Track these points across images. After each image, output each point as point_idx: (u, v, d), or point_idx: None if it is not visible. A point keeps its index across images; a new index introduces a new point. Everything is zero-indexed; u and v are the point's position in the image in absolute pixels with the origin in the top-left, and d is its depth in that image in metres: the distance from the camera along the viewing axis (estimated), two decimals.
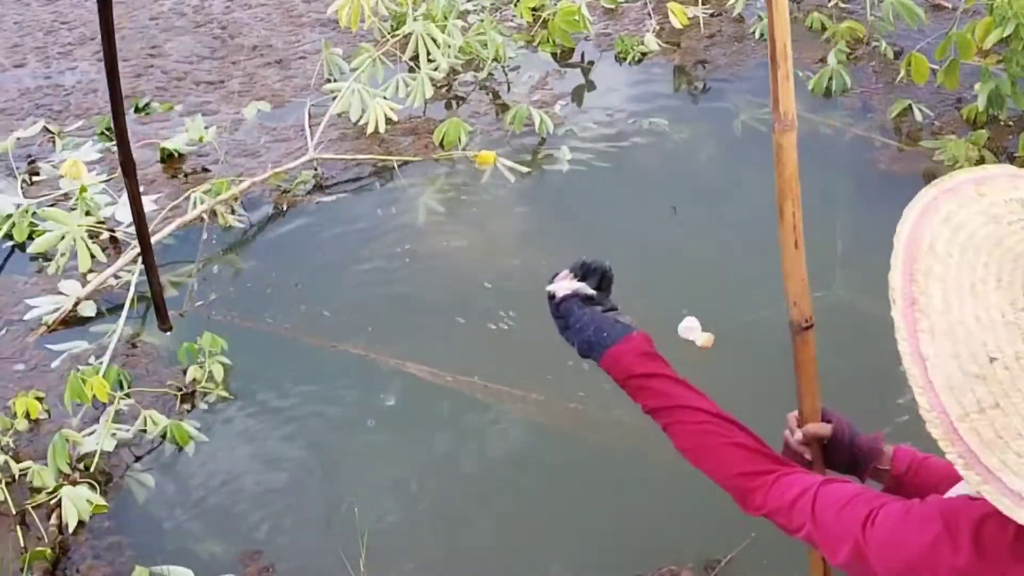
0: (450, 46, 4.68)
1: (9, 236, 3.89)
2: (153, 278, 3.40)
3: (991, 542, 1.17)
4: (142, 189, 3.87)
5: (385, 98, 4.44)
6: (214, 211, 3.98)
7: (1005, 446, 1.10)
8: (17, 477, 2.98)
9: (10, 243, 3.92)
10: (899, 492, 1.58)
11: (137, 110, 4.64)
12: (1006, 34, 3.94)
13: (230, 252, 3.91)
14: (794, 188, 1.52)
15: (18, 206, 3.94)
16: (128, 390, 3.26)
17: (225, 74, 4.95)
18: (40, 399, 3.17)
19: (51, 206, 4.00)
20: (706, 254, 3.79)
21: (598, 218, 4.00)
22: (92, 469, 3.02)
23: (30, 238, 3.83)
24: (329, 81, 4.75)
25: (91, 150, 4.34)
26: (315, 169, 4.28)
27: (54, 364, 3.41)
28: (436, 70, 4.63)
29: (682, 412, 1.51)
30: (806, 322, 1.57)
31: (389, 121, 4.40)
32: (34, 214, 3.90)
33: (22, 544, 2.84)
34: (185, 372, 3.32)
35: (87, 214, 3.87)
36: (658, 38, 5.01)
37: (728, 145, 4.37)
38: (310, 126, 4.48)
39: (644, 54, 4.95)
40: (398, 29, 4.78)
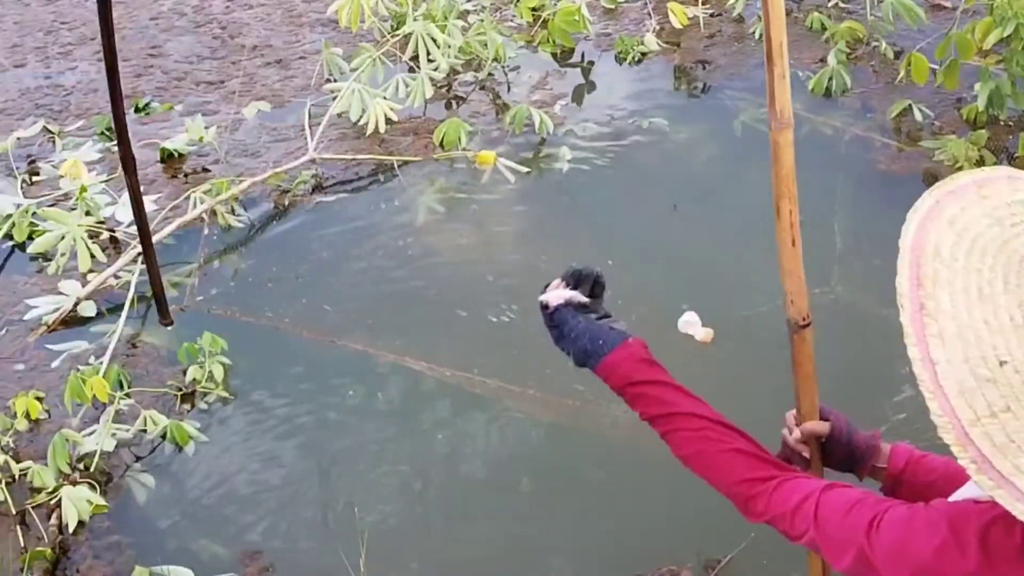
0: (450, 46, 4.68)
1: (9, 236, 3.89)
2: (153, 272, 3.41)
3: (998, 546, 1.16)
4: (142, 189, 3.88)
5: (385, 98, 4.44)
6: (214, 211, 3.99)
7: (1018, 450, 1.09)
8: (17, 477, 2.98)
9: (10, 243, 3.91)
10: (897, 490, 1.58)
11: (137, 110, 4.64)
12: (1006, 34, 3.93)
13: (230, 251, 3.91)
14: (791, 186, 1.51)
15: (18, 206, 3.93)
16: (128, 390, 3.26)
17: (225, 74, 4.95)
18: (40, 399, 3.17)
19: (51, 206, 4.00)
20: (706, 253, 3.79)
21: (598, 218, 4.00)
22: (92, 469, 3.02)
23: (30, 238, 3.83)
24: (329, 81, 4.75)
25: (91, 150, 4.34)
26: (315, 169, 4.28)
27: (54, 364, 3.41)
28: (436, 70, 4.62)
29: (681, 419, 1.50)
30: (803, 320, 1.57)
31: (389, 121, 4.40)
32: (34, 214, 3.90)
33: (22, 544, 2.84)
34: (185, 372, 3.32)
35: (87, 214, 3.86)
36: (658, 38, 5.01)
37: (728, 145, 4.37)
38: (310, 126, 4.48)
39: (644, 54, 4.94)
40: (398, 29, 4.78)
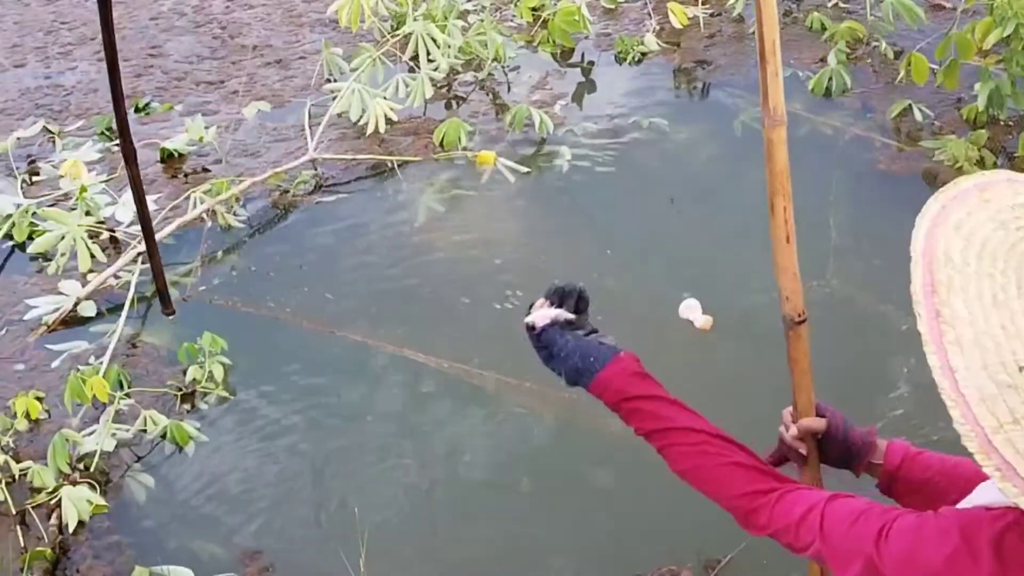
0: (450, 46, 4.68)
1: (9, 236, 3.89)
2: (155, 262, 3.41)
3: (1013, 553, 1.15)
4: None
5: (385, 98, 4.44)
6: (214, 211, 3.99)
7: None
8: (17, 477, 2.98)
9: (10, 243, 3.91)
10: (892, 486, 1.58)
11: (137, 110, 4.64)
12: (1006, 34, 3.93)
13: (231, 247, 3.92)
14: (785, 183, 1.51)
15: (18, 206, 3.93)
16: (128, 390, 3.26)
17: (225, 74, 4.95)
18: (40, 399, 3.17)
19: (51, 206, 4.00)
20: (705, 252, 3.79)
21: (598, 217, 4.00)
22: (92, 469, 3.02)
23: (30, 238, 3.83)
24: (329, 81, 4.75)
25: (91, 150, 4.34)
26: (315, 169, 4.28)
27: (54, 364, 3.41)
28: (436, 70, 4.62)
29: (678, 434, 1.50)
30: (799, 316, 1.56)
31: (389, 121, 4.40)
32: (34, 214, 3.90)
33: (22, 544, 2.84)
34: (185, 372, 3.32)
35: (87, 214, 3.86)
36: (658, 38, 5.01)
37: (728, 145, 4.37)
38: (310, 126, 4.48)
39: (644, 54, 4.94)
40: (398, 29, 4.78)
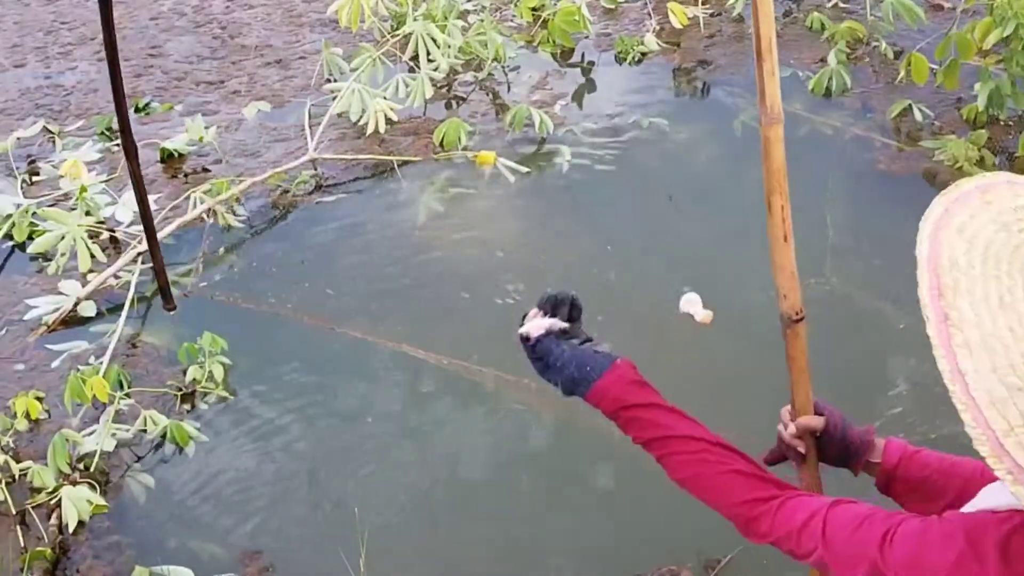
0: (450, 46, 4.68)
1: (9, 236, 3.89)
2: (157, 258, 3.41)
3: (1019, 556, 1.15)
4: None
5: (385, 98, 4.44)
6: (214, 211, 3.98)
7: None
8: (17, 477, 2.98)
9: (10, 243, 3.91)
10: (890, 485, 1.58)
11: (137, 110, 4.64)
12: (1006, 34, 3.93)
13: (232, 246, 3.92)
14: (782, 182, 1.51)
15: (18, 206, 3.93)
16: (128, 390, 3.26)
17: (225, 74, 4.95)
18: (40, 399, 3.17)
19: (51, 206, 4.00)
20: (705, 252, 3.79)
21: (598, 217, 4.00)
22: (92, 469, 3.02)
23: (30, 238, 3.82)
24: (329, 81, 4.75)
25: (91, 150, 4.34)
26: (315, 169, 4.28)
27: (54, 364, 3.41)
28: (436, 70, 4.62)
29: (677, 442, 1.49)
30: (797, 315, 1.56)
31: (389, 121, 4.40)
32: (34, 214, 3.90)
33: (22, 544, 2.84)
34: (185, 372, 3.32)
35: (87, 214, 3.86)
36: (658, 38, 5.01)
37: (728, 145, 4.37)
38: (310, 126, 4.48)
39: (644, 54, 4.94)
40: (398, 29, 4.78)
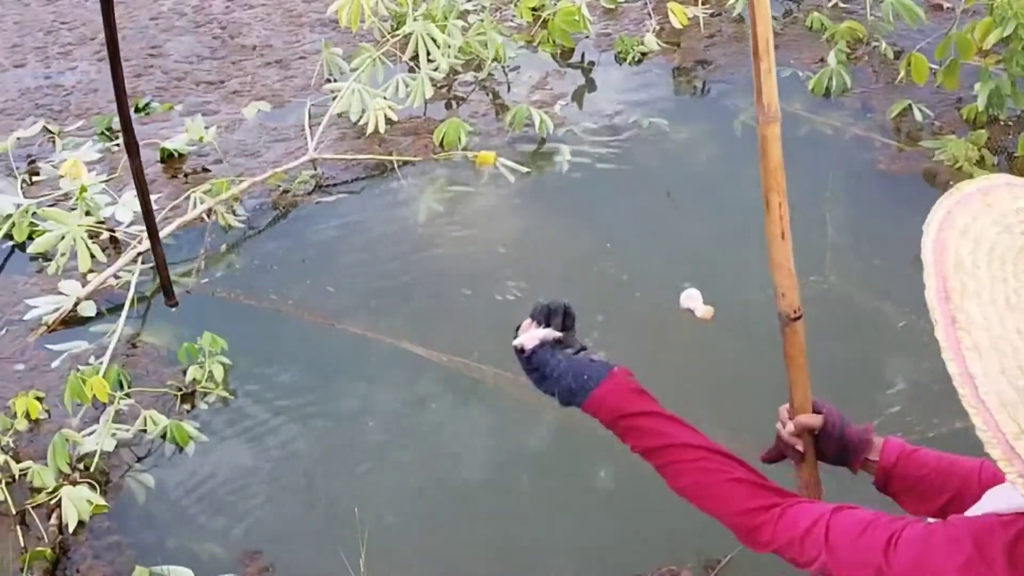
0: (450, 46, 4.68)
1: (9, 236, 3.89)
2: (158, 254, 3.41)
3: None
4: None
5: (385, 98, 4.44)
6: (213, 211, 3.98)
7: None
8: (17, 477, 2.98)
9: (10, 243, 3.91)
10: (888, 483, 1.59)
11: (137, 110, 4.64)
12: (1006, 34, 3.94)
13: (232, 248, 3.92)
14: (780, 180, 1.51)
15: (18, 206, 3.93)
16: (128, 390, 3.26)
17: (225, 74, 4.95)
18: (40, 399, 3.17)
19: (51, 206, 4.00)
20: (706, 251, 3.79)
21: (598, 216, 4.00)
22: (92, 469, 3.02)
23: (30, 238, 3.82)
24: (329, 81, 4.75)
25: (91, 150, 4.33)
26: (315, 169, 4.28)
27: (54, 364, 3.41)
28: (436, 70, 4.62)
29: (677, 451, 1.49)
30: (795, 313, 1.56)
31: (389, 121, 4.40)
32: (34, 214, 3.90)
33: (22, 544, 2.84)
34: (185, 372, 3.33)
35: (87, 214, 3.86)
36: (658, 38, 5.01)
37: (728, 145, 4.37)
38: (310, 126, 4.48)
39: (644, 54, 4.94)
40: (398, 29, 4.78)
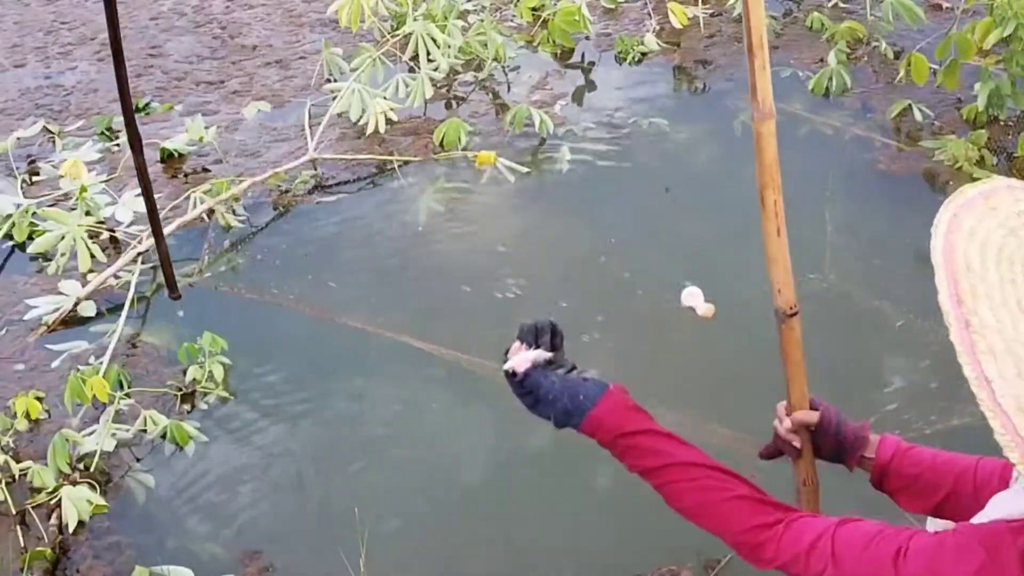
0: (450, 46, 4.68)
1: (9, 236, 3.89)
2: (161, 247, 3.41)
3: None
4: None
5: (385, 98, 4.44)
6: (213, 211, 3.98)
7: None
8: (17, 477, 2.98)
9: (10, 243, 3.91)
10: (884, 481, 1.59)
11: (137, 110, 4.63)
12: (1006, 34, 3.94)
13: (232, 248, 3.92)
14: (775, 176, 1.51)
15: (18, 206, 3.93)
16: (128, 390, 3.26)
17: (225, 74, 4.95)
18: (40, 399, 3.17)
19: (51, 206, 4.00)
20: (706, 251, 3.79)
21: (598, 216, 4.00)
22: (92, 469, 3.02)
23: (30, 238, 3.83)
24: (329, 81, 4.75)
25: (91, 150, 4.33)
26: (315, 169, 4.29)
27: (54, 364, 3.41)
28: (436, 70, 4.62)
29: (677, 470, 1.48)
30: (791, 309, 1.56)
31: (389, 121, 4.40)
32: (34, 214, 3.90)
33: (22, 544, 2.84)
34: (185, 372, 3.33)
35: (87, 214, 3.86)
36: (658, 38, 5.01)
37: (728, 144, 4.37)
38: (310, 126, 4.48)
39: (644, 54, 4.94)
40: (398, 29, 4.78)
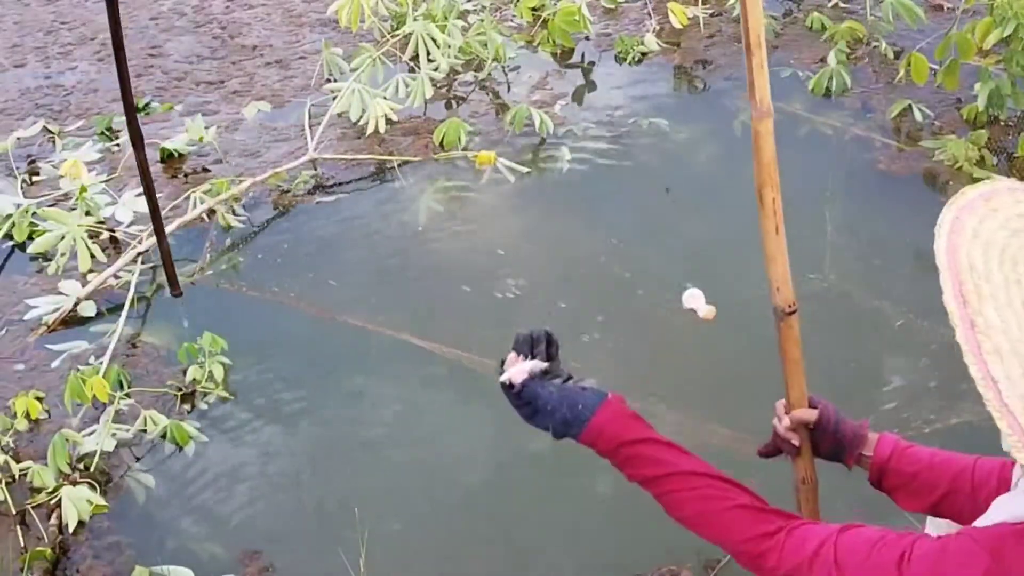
0: (450, 46, 4.68)
1: (9, 236, 3.89)
2: (162, 241, 3.41)
3: None
4: (141, 189, 3.88)
5: (385, 98, 4.44)
6: (213, 211, 3.98)
7: None
8: (17, 477, 2.98)
9: (10, 243, 3.91)
10: (882, 479, 1.60)
11: (137, 110, 4.62)
12: (1006, 34, 3.93)
13: (233, 246, 3.92)
14: (773, 174, 1.52)
15: (18, 206, 3.93)
16: (128, 390, 3.26)
17: (225, 74, 4.95)
18: (40, 399, 3.17)
19: (51, 206, 3.99)
20: (706, 251, 3.79)
21: (598, 217, 4.00)
22: (92, 469, 3.02)
23: (30, 238, 3.82)
24: (329, 81, 4.75)
25: (91, 150, 4.33)
26: (315, 169, 4.28)
27: (54, 364, 3.40)
28: (436, 70, 4.62)
29: (678, 479, 1.48)
30: (790, 307, 1.57)
31: (389, 121, 4.40)
32: (34, 214, 3.89)
33: (22, 544, 2.84)
34: (185, 372, 3.33)
35: (87, 214, 3.86)
36: (658, 38, 5.01)
37: (728, 145, 4.37)
38: (310, 126, 4.48)
39: (644, 54, 4.94)
40: (398, 29, 4.78)
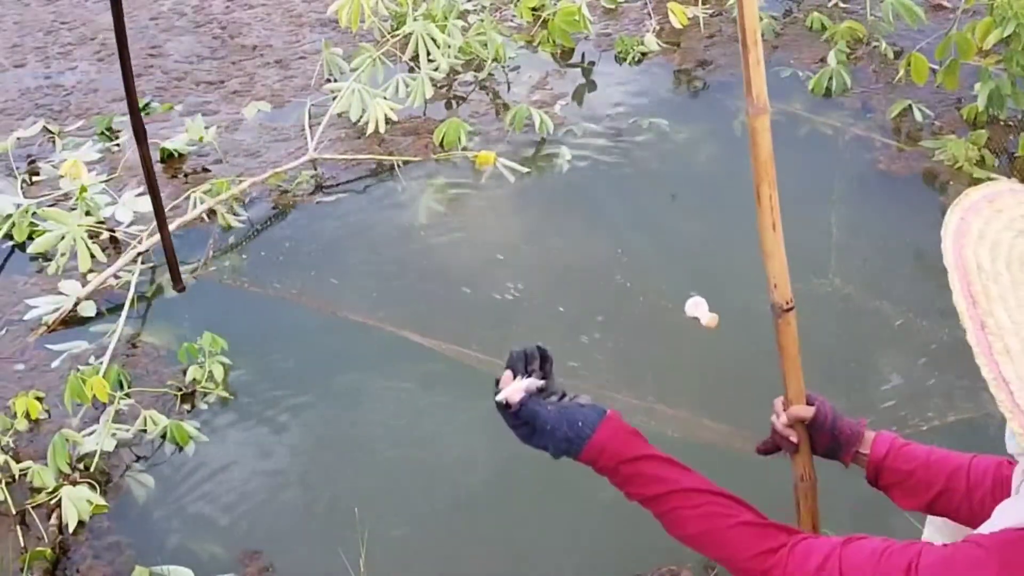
0: (450, 46, 4.68)
1: (9, 236, 3.89)
2: (165, 237, 3.41)
3: None
4: (142, 189, 3.89)
5: (385, 98, 4.44)
6: (214, 211, 3.98)
7: None
8: (17, 477, 2.98)
9: (10, 243, 3.91)
10: (879, 477, 1.60)
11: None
12: (1006, 34, 3.94)
13: (234, 246, 3.92)
14: (770, 171, 1.53)
15: (18, 206, 3.93)
16: (128, 390, 3.26)
17: (225, 74, 4.95)
18: (40, 399, 3.17)
19: (51, 206, 4.00)
20: (706, 252, 3.79)
21: (598, 217, 4.00)
22: (92, 469, 3.02)
23: (30, 238, 3.83)
24: (329, 81, 4.76)
25: (91, 150, 4.33)
26: (315, 169, 4.28)
27: (54, 364, 3.40)
28: (436, 70, 4.63)
29: (679, 497, 1.47)
30: (787, 304, 1.57)
31: (389, 121, 4.40)
32: (34, 214, 3.90)
33: (22, 544, 2.84)
34: (185, 372, 3.33)
35: (87, 214, 3.86)
36: (658, 38, 5.01)
37: (728, 144, 4.37)
38: (310, 126, 4.48)
39: (644, 54, 4.94)
40: (398, 29, 4.78)
